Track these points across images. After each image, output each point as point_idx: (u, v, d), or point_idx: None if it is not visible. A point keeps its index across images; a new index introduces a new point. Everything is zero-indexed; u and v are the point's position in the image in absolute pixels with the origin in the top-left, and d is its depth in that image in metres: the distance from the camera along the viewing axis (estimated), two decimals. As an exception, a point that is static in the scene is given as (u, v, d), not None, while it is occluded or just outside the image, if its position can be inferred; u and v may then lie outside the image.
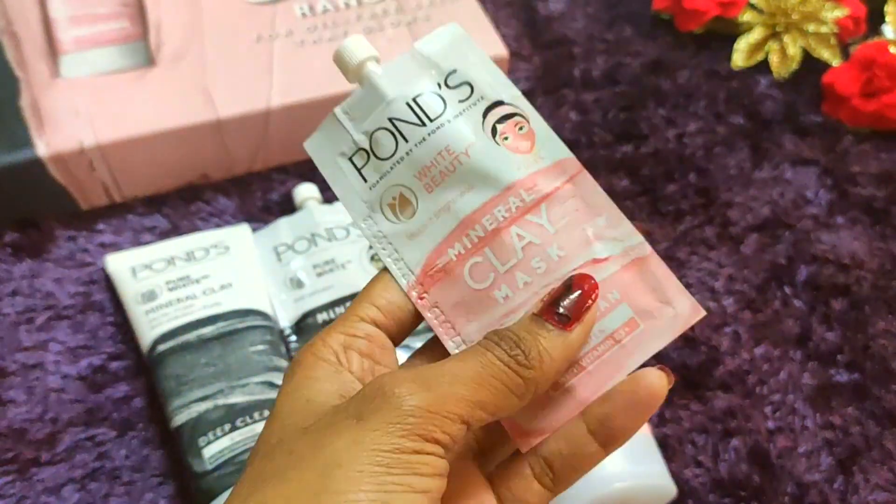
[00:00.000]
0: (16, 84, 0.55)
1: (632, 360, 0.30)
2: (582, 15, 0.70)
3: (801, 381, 0.52)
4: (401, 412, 0.26)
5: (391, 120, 0.32)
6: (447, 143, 0.31)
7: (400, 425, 0.26)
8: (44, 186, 0.54)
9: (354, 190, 0.33)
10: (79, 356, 0.51)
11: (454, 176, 0.31)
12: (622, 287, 0.30)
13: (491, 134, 0.31)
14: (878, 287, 0.57)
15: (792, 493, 0.48)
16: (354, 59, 0.32)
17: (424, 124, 0.31)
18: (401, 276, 0.31)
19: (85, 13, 0.59)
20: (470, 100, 0.32)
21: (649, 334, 0.30)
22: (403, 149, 0.32)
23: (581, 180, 0.31)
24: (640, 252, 0.30)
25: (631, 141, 0.63)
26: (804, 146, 0.63)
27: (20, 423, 0.48)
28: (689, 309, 0.30)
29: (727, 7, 0.67)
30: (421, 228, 0.32)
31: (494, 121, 0.32)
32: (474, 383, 0.27)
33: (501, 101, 0.32)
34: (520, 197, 0.31)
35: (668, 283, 0.30)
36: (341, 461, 0.25)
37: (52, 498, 0.46)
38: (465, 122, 0.31)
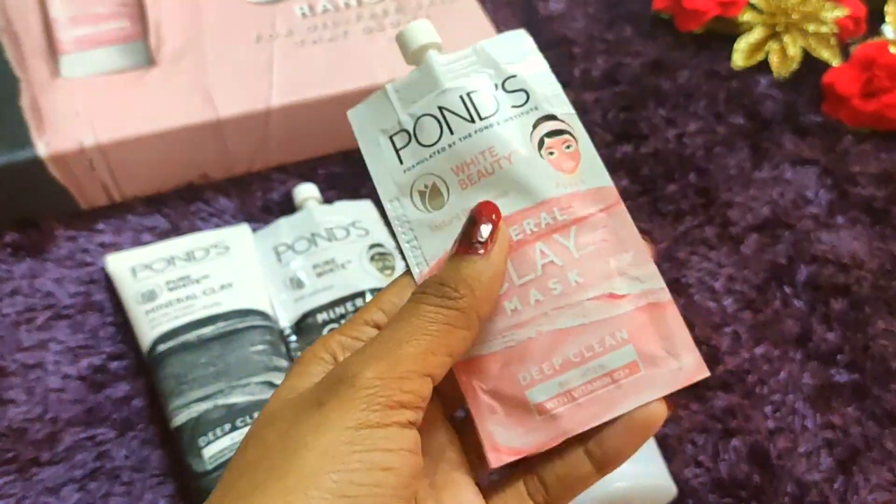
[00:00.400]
0: (16, 84, 0.55)
1: (625, 403, 0.29)
2: (582, 15, 0.70)
3: (801, 381, 0.52)
4: (357, 388, 0.26)
5: (441, 109, 0.31)
6: (492, 144, 0.31)
7: (359, 400, 0.26)
8: (44, 186, 0.54)
9: (388, 169, 0.32)
10: (79, 356, 0.51)
11: (491, 178, 0.31)
12: (632, 328, 0.30)
13: (537, 146, 0.31)
14: (878, 287, 0.57)
15: (792, 493, 0.48)
16: (416, 42, 0.32)
17: (474, 121, 0.31)
18: (415, 265, 0.31)
19: (85, 13, 0.59)
20: (524, 107, 0.32)
21: (648, 381, 0.29)
22: (447, 140, 0.31)
23: (616, 212, 0.31)
24: (658, 297, 0.30)
25: (631, 141, 0.63)
26: (804, 146, 0.63)
27: (20, 423, 0.48)
28: (693, 366, 0.30)
29: (727, 7, 0.67)
30: (446, 222, 0.31)
31: (543, 133, 0.31)
32: (418, 335, 0.27)
33: (554, 116, 0.32)
34: (552, 214, 0.30)
35: (680, 335, 0.30)
36: (307, 444, 0.26)
37: (52, 498, 0.46)
38: (514, 128, 0.31)
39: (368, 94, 0.64)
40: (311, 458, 0.25)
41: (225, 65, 0.57)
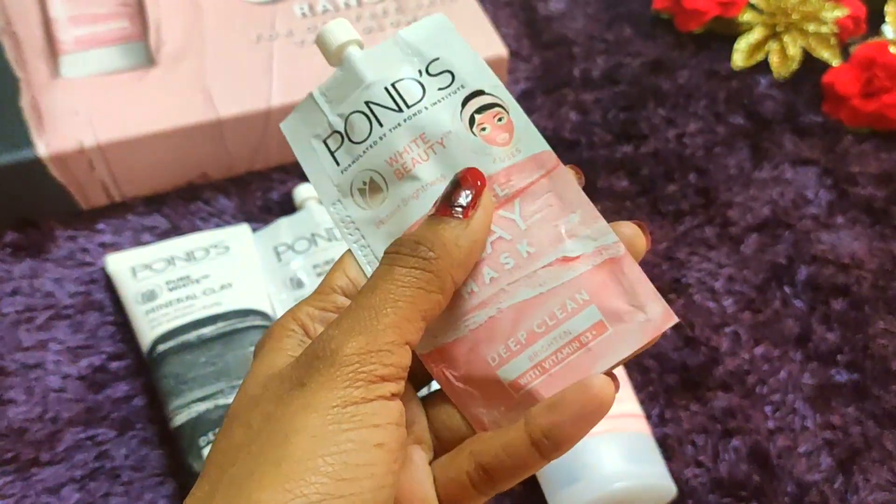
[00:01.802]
0: (16, 84, 0.55)
1: (598, 364, 0.29)
2: (582, 15, 0.70)
3: (801, 381, 0.52)
4: (337, 364, 0.26)
5: (368, 104, 0.31)
6: (423, 129, 0.30)
7: (341, 378, 0.26)
8: (44, 186, 0.54)
9: (326, 173, 0.32)
10: (79, 356, 0.51)
11: (426, 165, 0.30)
12: (592, 288, 0.29)
13: (469, 123, 0.31)
14: (878, 287, 0.57)
15: (792, 493, 0.48)
16: (336, 41, 0.32)
17: (401, 110, 0.31)
18: (366, 264, 0.31)
19: (85, 13, 0.59)
20: (450, 88, 0.31)
21: (618, 338, 0.29)
22: (377, 133, 0.31)
23: (557, 175, 0.30)
24: (613, 252, 0.29)
25: (631, 141, 0.63)
26: (804, 146, 0.63)
27: (20, 423, 0.48)
28: (660, 314, 0.29)
29: (727, 7, 0.67)
30: (389, 216, 0.31)
31: (473, 110, 0.31)
32: (393, 302, 0.27)
33: (482, 91, 0.31)
34: (493, 192, 0.30)
35: (641, 286, 0.29)
36: (296, 427, 0.25)
37: (52, 498, 0.46)
38: (443, 109, 0.31)
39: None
40: (302, 442, 0.25)
41: (225, 65, 0.57)
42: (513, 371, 0.29)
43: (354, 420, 0.25)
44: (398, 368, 0.27)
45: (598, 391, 0.28)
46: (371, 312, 0.27)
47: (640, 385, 0.51)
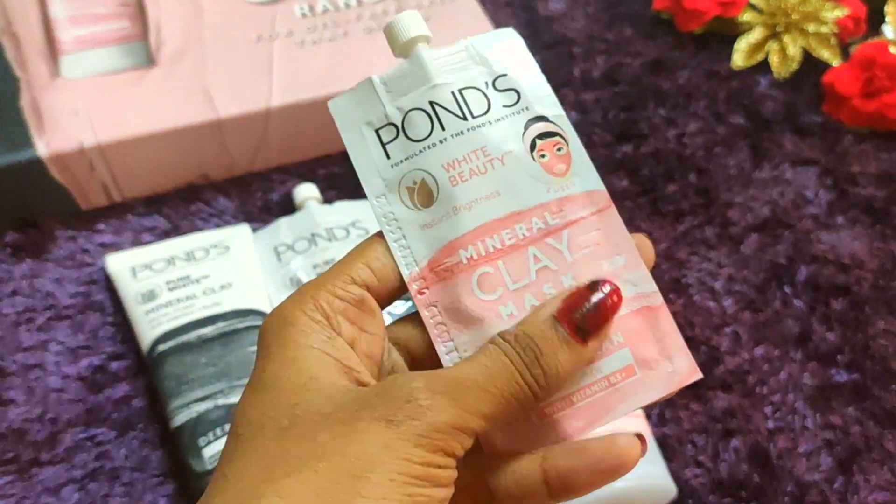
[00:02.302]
0: (16, 84, 0.55)
1: (622, 406, 0.29)
2: (582, 15, 0.70)
3: (801, 381, 0.52)
4: (431, 427, 0.26)
5: (432, 104, 0.31)
6: (485, 143, 0.30)
7: (430, 440, 0.26)
8: (44, 186, 0.54)
9: (374, 163, 0.31)
10: (79, 356, 0.51)
11: (483, 178, 0.30)
12: (627, 332, 0.29)
13: (530, 148, 0.31)
14: (878, 287, 0.57)
15: (792, 493, 0.48)
16: (406, 34, 0.31)
17: (466, 118, 0.31)
18: (404, 266, 0.30)
19: (85, 13, 0.59)
20: (515, 107, 0.31)
21: (644, 385, 0.29)
22: (438, 136, 0.31)
23: (608, 215, 0.30)
24: (652, 301, 0.30)
25: (631, 141, 0.63)
26: (804, 146, 0.63)
27: (20, 424, 0.48)
28: (686, 369, 0.29)
29: (727, 7, 0.67)
30: (436, 221, 0.30)
31: (535, 135, 0.31)
32: (494, 398, 0.27)
33: (545, 118, 0.31)
34: (544, 219, 0.30)
35: (673, 338, 0.30)
36: (374, 465, 0.25)
37: (52, 498, 0.46)
38: (506, 127, 0.31)
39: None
40: (378, 482, 0.25)
41: (225, 65, 0.57)
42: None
43: (428, 478, 0.26)
44: (463, 451, 0.27)
45: (622, 449, 0.28)
46: (476, 393, 0.27)
47: (640, 385, 0.51)
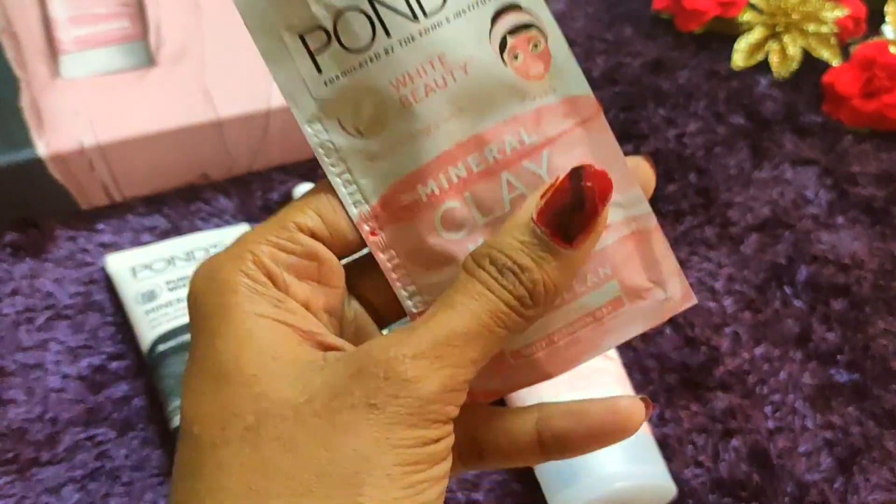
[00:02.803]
0: (16, 84, 0.55)
1: (608, 339, 0.26)
2: (582, 15, 0.70)
3: (801, 381, 0.52)
4: (420, 400, 0.23)
5: (372, 2, 0.25)
6: (442, 50, 0.25)
7: (421, 415, 0.23)
8: (44, 186, 0.54)
9: (301, 79, 0.26)
10: (79, 356, 0.51)
11: (443, 94, 0.25)
12: (615, 261, 0.26)
13: (499, 49, 0.25)
14: (878, 287, 0.57)
15: (792, 493, 0.48)
16: None
17: (417, 18, 0.25)
18: (351, 204, 0.26)
19: (85, 13, 0.59)
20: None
21: (633, 315, 0.26)
22: (382, 44, 0.25)
23: (595, 127, 0.26)
24: (643, 223, 0.26)
25: (631, 141, 0.63)
26: (804, 146, 0.63)
27: (20, 423, 0.48)
28: (680, 294, 0.26)
29: (727, 7, 0.67)
30: (388, 151, 0.25)
31: (506, 31, 0.25)
32: (481, 340, 0.23)
33: (516, 5, 0.25)
34: (519, 137, 0.25)
35: (666, 262, 0.26)
36: (368, 467, 0.22)
37: (52, 498, 0.46)
38: (467, 25, 0.25)
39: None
40: (377, 483, 0.22)
41: (225, 65, 0.57)
42: (518, 341, 0.26)
43: (427, 458, 0.23)
44: (458, 408, 0.24)
45: (625, 413, 0.26)
46: (461, 343, 0.23)
47: (640, 385, 0.51)
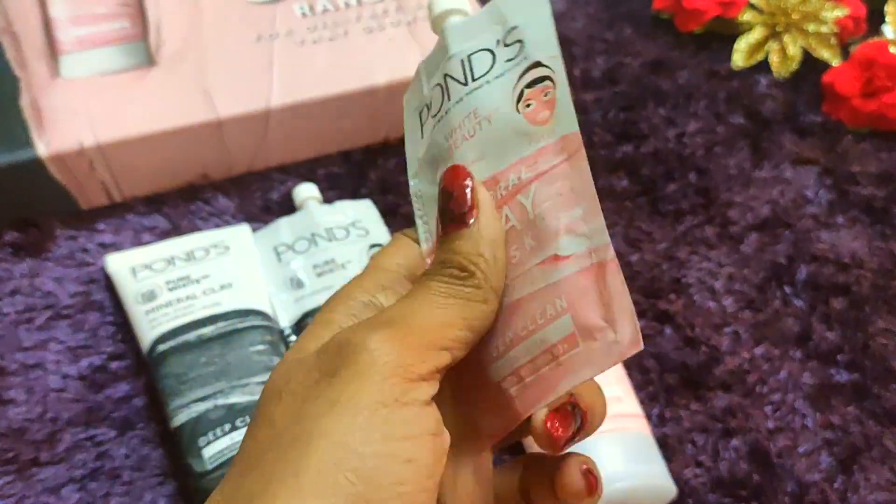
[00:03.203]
0: (16, 84, 0.55)
1: (564, 382, 0.27)
2: (582, 15, 0.70)
3: (801, 381, 0.52)
4: (374, 356, 0.24)
5: (446, 76, 0.30)
6: (476, 105, 0.29)
7: (376, 371, 0.24)
8: (44, 186, 0.54)
9: (414, 146, 0.31)
10: (79, 356, 0.51)
11: (471, 142, 0.29)
12: (571, 295, 0.26)
13: (516, 100, 0.28)
14: (878, 287, 0.57)
15: (792, 493, 0.48)
16: (437, 8, 0.30)
17: (466, 83, 0.29)
18: (424, 241, 0.30)
19: (85, 13, 0.59)
20: (516, 59, 0.29)
21: (586, 357, 0.26)
22: (445, 107, 0.29)
23: (576, 161, 0.27)
24: (602, 255, 0.26)
25: (631, 141, 0.63)
26: (804, 146, 0.63)
27: (20, 423, 0.48)
28: (628, 338, 0.26)
29: (727, 7, 0.67)
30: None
31: (525, 84, 0.28)
32: (433, 307, 0.26)
33: (539, 63, 0.28)
34: (519, 174, 0.28)
35: (619, 300, 0.26)
36: (321, 430, 0.23)
37: (52, 498, 0.46)
38: (502, 83, 0.29)
39: (368, 94, 0.63)
40: (325, 450, 0.23)
41: (225, 65, 0.57)
42: (497, 372, 0.28)
43: (385, 428, 0.23)
44: (435, 370, 0.25)
45: (570, 480, 0.30)
46: (410, 311, 0.26)
47: (640, 385, 0.51)
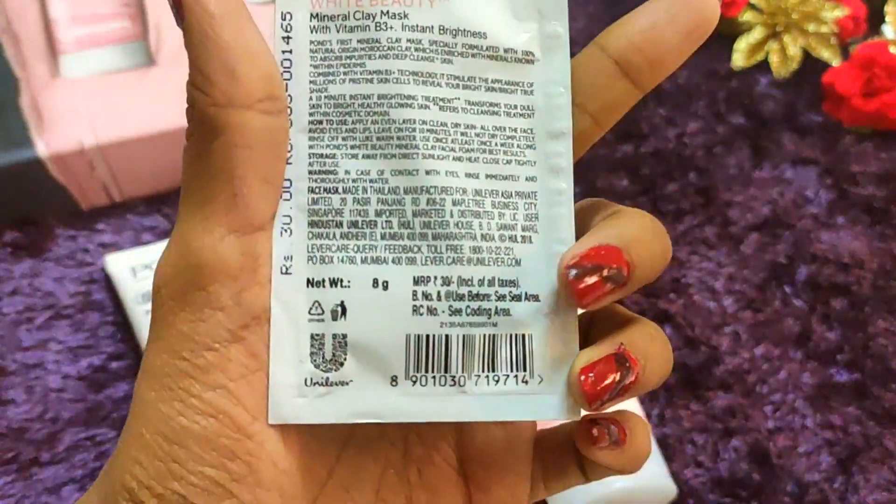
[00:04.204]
0: (16, 84, 0.55)
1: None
2: (582, 15, 0.70)
3: (801, 381, 0.52)
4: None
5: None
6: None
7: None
8: (44, 186, 0.54)
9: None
10: (79, 356, 0.51)
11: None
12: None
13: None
14: (878, 287, 0.57)
15: (792, 493, 0.48)
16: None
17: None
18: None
19: (85, 13, 0.59)
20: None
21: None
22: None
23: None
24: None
25: (631, 141, 0.63)
26: (804, 146, 0.63)
27: (20, 423, 0.48)
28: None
29: (727, 7, 0.67)
30: None
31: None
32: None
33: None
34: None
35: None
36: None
37: (52, 498, 0.46)
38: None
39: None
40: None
41: (225, 65, 0.57)
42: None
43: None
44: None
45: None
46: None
47: (640, 385, 0.51)
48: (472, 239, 0.25)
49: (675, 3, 0.24)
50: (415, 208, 0.24)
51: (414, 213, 0.24)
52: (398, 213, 0.24)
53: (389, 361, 0.24)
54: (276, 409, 0.24)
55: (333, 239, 0.25)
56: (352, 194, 0.25)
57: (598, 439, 0.25)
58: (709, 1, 0.24)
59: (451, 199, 0.24)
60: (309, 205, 0.25)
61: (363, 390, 0.24)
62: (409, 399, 0.24)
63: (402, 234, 0.24)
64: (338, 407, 0.24)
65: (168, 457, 0.22)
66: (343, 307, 0.24)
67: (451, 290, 0.24)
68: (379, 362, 0.24)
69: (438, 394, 0.24)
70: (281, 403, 0.24)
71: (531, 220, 0.25)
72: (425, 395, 0.24)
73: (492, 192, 0.25)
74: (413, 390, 0.24)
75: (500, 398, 0.25)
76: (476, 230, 0.25)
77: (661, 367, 0.25)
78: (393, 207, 0.24)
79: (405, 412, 0.24)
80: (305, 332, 0.24)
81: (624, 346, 0.24)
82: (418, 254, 0.24)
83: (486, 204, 0.25)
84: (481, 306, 0.25)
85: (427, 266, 0.24)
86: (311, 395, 0.24)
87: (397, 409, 0.24)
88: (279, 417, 0.24)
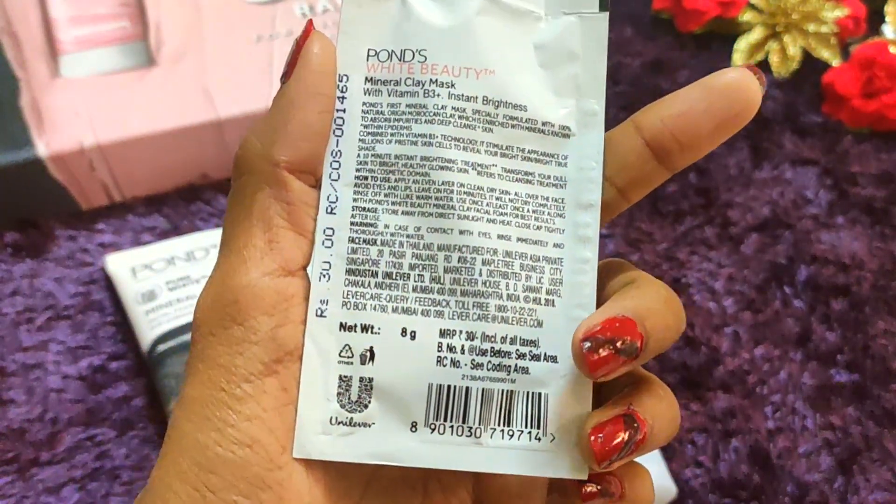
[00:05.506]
0: (16, 84, 0.55)
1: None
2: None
3: (801, 381, 0.52)
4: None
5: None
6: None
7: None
8: (44, 186, 0.54)
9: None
10: (79, 356, 0.51)
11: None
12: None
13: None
14: (878, 287, 0.57)
15: (792, 493, 0.49)
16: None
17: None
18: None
19: (85, 13, 0.59)
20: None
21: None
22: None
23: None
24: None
25: (631, 141, 0.63)
26: (804, 146, 0.63)
27: (20, 423, 0.48)
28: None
29: (727, 7, 0.67)
30: None
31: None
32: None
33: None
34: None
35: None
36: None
37: (52, 498, 0.46)
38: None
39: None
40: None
41: (225, 65, 0.57)
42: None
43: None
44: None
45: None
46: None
47: (640, 385, 0.51)
48: (498, 298, 0.26)
49: (713, 91, 0.25)
50: (447, 265, 0.26)
51: (445, 269, 0.26)
52: (431, 267, 0.26)
53: (411, 408, 0.25)
54: (301, 444, 0.25)
55: (368, 287, 0.26)
56: (389, 247, 0.26)
57: (589, 496, 0.26)
58: (747, 94, 0.24)
59: (481, 259, 0.26)
60: (348, 254, 0.26)
61: (384, 433, 0.26)
62: (426, 446, 0.25)
63: (433, 288, 0.26)
64: (359, 447, 0.25)
65: (203, 485, 0.23)
66: (372, 352, 0.26)
67: (475, 344, 0.26)
68: (401, 408, 0.26)
69: (455, 443, 0.25)
70: (306, 438, 0.25)
71: (556, 284, 0.26)
72: (442, 443, 0.25)
73: (521, 254, 0.26)
74: (431, 437, 0.25)
75: (513, 452, 0.26)
76: (503, 290, 0.26)
77: (669, 426, 0.26)
78: (426, 262, 0.26)
79: (422, 458, 0.26)
80: (334, 373, 0.26)
81: (633, 407, 0.25)
82: (446, 308, 0.26)
83: (515, 266, 0.26)
84: (502, 363, 0.26)
85: (454, 320, 0.26)
86: (334, 434, 0.25)
87: (414, 455, 0.26)
88: (303, 452, 0.25)
